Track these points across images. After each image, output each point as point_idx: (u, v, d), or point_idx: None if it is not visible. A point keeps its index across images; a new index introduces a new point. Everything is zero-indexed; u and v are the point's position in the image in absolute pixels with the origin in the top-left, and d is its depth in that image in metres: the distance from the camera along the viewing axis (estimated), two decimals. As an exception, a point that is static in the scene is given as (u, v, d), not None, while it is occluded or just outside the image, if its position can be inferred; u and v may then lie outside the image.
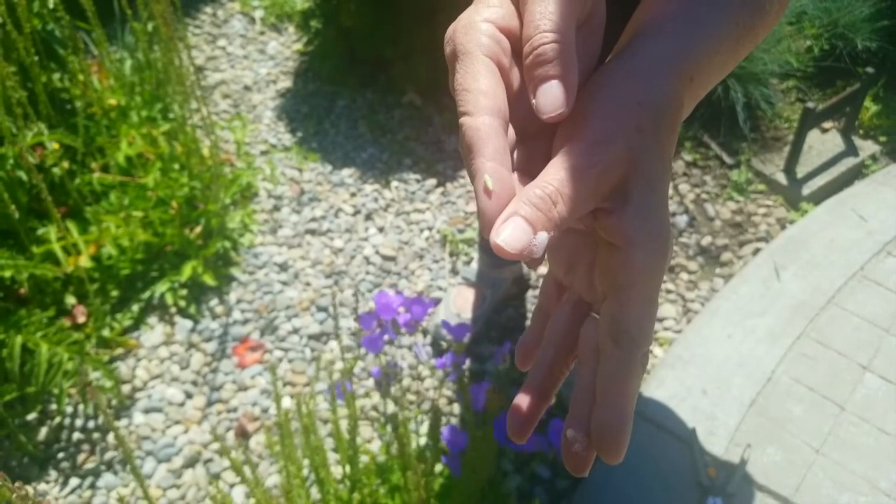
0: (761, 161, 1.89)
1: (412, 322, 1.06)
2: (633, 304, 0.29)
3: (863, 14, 2.00)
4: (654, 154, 0.30)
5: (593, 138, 0.29)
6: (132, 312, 1.44)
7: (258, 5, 2.47)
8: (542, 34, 0.29)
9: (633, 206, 0.29)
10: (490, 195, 0.28)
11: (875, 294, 1.55)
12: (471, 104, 0.29)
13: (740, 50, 0.36)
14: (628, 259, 0.29)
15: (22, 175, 1.29)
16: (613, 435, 0.29)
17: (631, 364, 0.30)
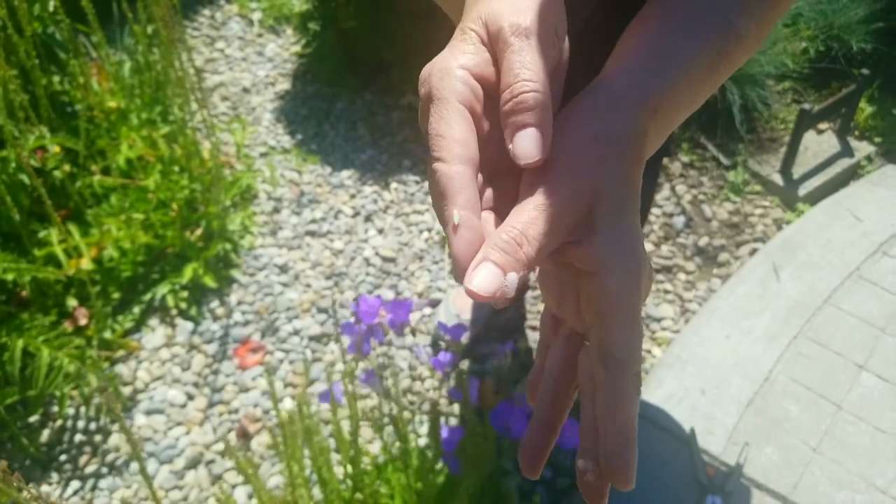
0: (758, 162, 1.90)
1: (398, 324, 1.07)
2: (615, 328, 0.30)
3: (858, 16, 2.01)
4: (619, 183, 0.31)
5: (553, 177, 0.31)
6: (133, 314, 1.45)
7: (256, 7, 2.48)
8: (523, 82, 0.31)
9: (601, 234, 0.30)
10: (463, 242, 0.30)
11: (871, 294, 1.57)
12: (445, 151, 0.31)
13: (716, 76, 0.37)
14: (603, 284, 0.30)
15: (24, 178, 1.30)
16: (621, 463, 0.30)
17: (623, 387, 0.30)
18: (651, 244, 1.71)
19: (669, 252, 1.70)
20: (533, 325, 1.54)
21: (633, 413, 0.31)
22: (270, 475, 1.29)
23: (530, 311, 1.57)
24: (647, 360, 1.47)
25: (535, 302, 1.58)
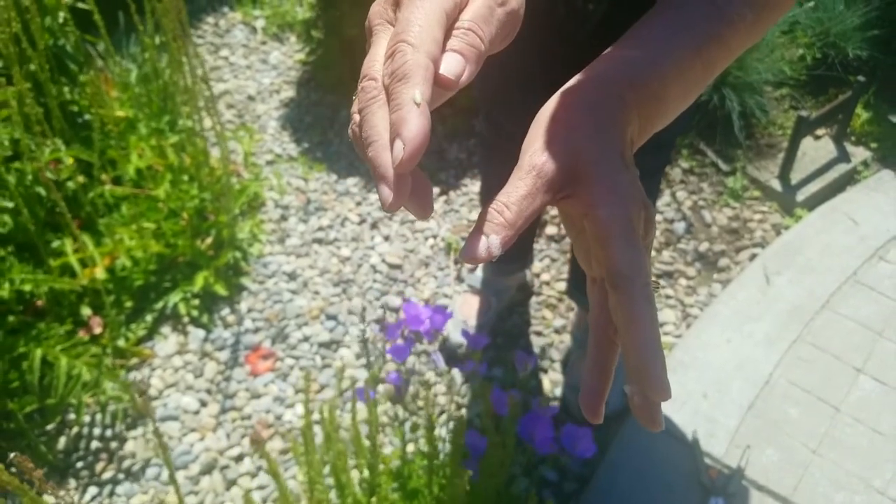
0: (756, 168, 1.93)
1: (432, 331, 1.11)
2: (615, 250, 0.33)
3: (853, 23, 2.04)
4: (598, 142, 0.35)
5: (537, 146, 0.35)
6: (146, 322, 1.47)
7: (259, 15, 2.50)
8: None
9: (586, 184, 0.34)
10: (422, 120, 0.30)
11: (868, 298, 1.60)
12: (417, 38, 0.32)
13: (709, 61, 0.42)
14: (595, 217, 0.33)
15: (40, 190, 1.32)
16: (650, 376, 0.32)
17: (634, 298, 0.32)
18: (653, 250, 1.74)
19: (671, 258, 1.73)
20: (537, 330, 1.57)
21: (650, 324, 0.32)
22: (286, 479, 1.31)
23: (534, 316, 1.60)
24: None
25: (539, 308, 1.61)
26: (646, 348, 0.32)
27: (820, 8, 2.09)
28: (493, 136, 1.20)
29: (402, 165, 0.30)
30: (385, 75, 0.32)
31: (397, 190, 0.30)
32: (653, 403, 0.33)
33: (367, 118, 0.32)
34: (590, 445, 0.96)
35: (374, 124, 0.31)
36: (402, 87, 0.30)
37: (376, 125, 0.31)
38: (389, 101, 0.31)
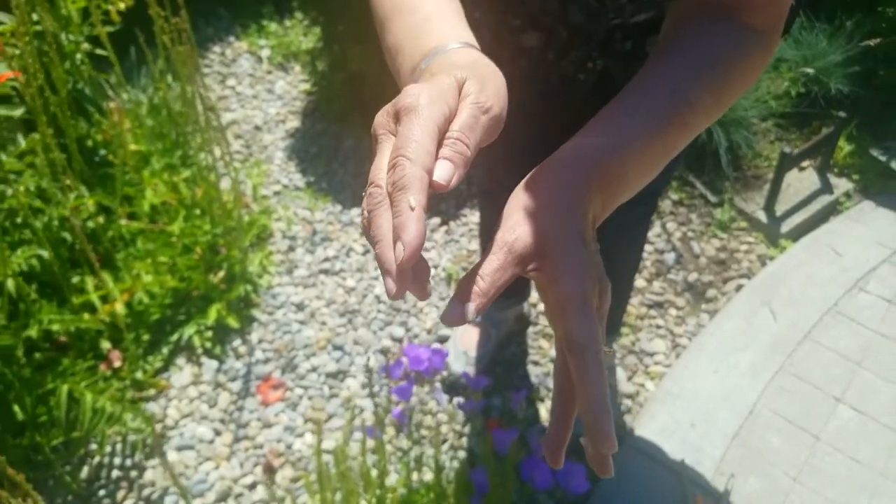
0: (743, 199, 2.02)
1: (431, 370, 1.19)
2: (572, 320, 0.39)
3: (835, 60, 2.14)
4: (563, 224, 0.42)
5: (510, 223, 0.42)
6: (162, 355, 1.55)
7: (265, 44, 2.58)
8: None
9: (550, 260, 0.41)
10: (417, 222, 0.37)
11: (848, 329, 1.69)
12: (414, 153, 0.38)
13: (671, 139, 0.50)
14: (556, 289, 0.40)
15: (65, 234, 1.40)
16: (599, 430, 0.38)
17: (586, 363, 0.38)
18: (644, 280, 1.83)
19: (661, 288, 1.82)
20: (534, 359, 1.65)
21: (600, 386, 0.38)
22: (294, 506, 1.39)
23: (532, 346, 1.68)
24: (641, 394, 1.59)
25: (536, 337, 1.69)
26: (595, 408, 0.38)
27: (803, 45, 2.18)
28: (492, 185, 1.28)
29: (403, 264, 0.37)
30: (388, 184, 0.39)
31: (400, 282, 0.37)
32: (602, 454, 0.39)
33: (374, 220, 0.39)
34: (583, 482, 1.04)
35: (379, 225, 0.38)
36: (402, 195, 0.38)
37: (382, 226, 0.38)
38: (392, 207, 0.38)
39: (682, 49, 0.54)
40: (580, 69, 0.86)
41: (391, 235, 0.38)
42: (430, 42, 0.49)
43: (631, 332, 1.71)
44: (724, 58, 0.53)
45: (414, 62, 0.49)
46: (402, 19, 0.52)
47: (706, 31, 0.55)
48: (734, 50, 0.54)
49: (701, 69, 0.52)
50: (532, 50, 0.86)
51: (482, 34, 0.88)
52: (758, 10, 0.55)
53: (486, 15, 0.85)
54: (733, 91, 0.55)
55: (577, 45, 0.82)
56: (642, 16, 0.74)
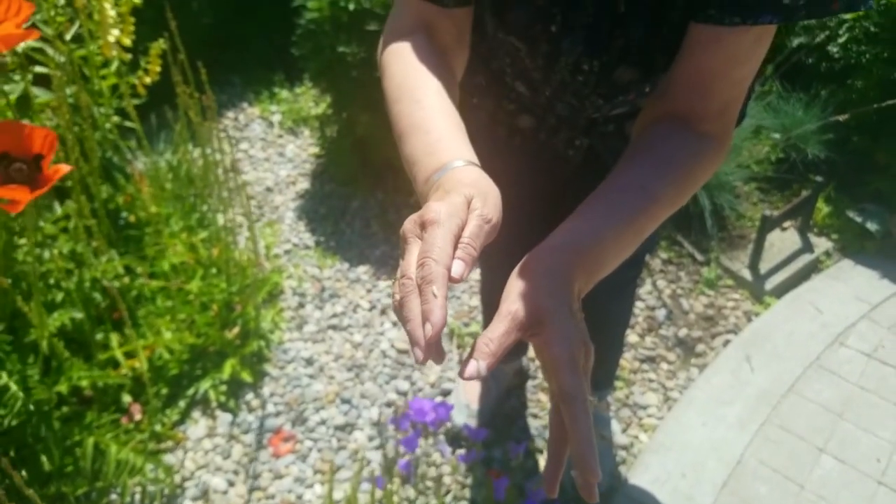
0: (729, 258, 2.13)
1: (437, 421, 1.28)
2: (564, 378, 0.50)
3: (811, 128, 2.28)
4: (555, 299, 0.53)
5: (512, 298, 0.54)
6: (179, 408, 1.63)
7: (276, 110, 2.73)
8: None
9: (544, 328, 0.52)
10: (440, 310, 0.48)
11: (829, 382, 1.78)
12: (440, 256, 0.50)
13: (641, 227, 0.63)
14: (549, 354, 0.51)
15: (95, 294, 1.50)
16: (586, 462, 0.48)
17: (576, 410, 0.49)
18: (636, 336, 1.93)
19: (653, 343, 1.91)
20: (533, 412, 1.73)
21: (588, 429, 0.49)
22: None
23: (531, 399, 1.76)
24: (635, 446, 1.67)
25: (534, 391, 1.78)
26: (584, 445, 0.48)
27: (781, 113, 2.33)
28: (491, 249, 1.38)
29: (431, 339, 0.49)
30: (417, 277, 0.51)
31: (426, 352, 0.49)
32: (589, 483, 0.49)
33: (405, 304, 0.50)
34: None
35: (410, 308, 0.50)
36: (429, 287, 0.50)
37: (412, 310, 0.50)
38: (420, 296, 0.50)
39: (647, 151, 0.68)
40: (569, 146, 0.98)
41: (420, 318, 0.49)
42: (442, 159, 0.62)
43: (625, 385, 1.80)
44: (683, 160, 0.67)
45: (428, 174, 0.62)
46: (419, 137, 0.65)
47: (668, 136, 0.68)
48: (691, 153, 0.67)
49: (664, 169, 0.65)
50: (525, 130, 0.98)
51: (479, 116, 1.01)
52: (713, 118, 0.69)
53: (484, 100, 0.97)
54: (691, 185, 0.68)
55: (564, 129, 0.95)
56: (619, 110, 0.86)
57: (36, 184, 0.98)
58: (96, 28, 1.66)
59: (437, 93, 0.70)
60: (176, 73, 1.65)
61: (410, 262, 0.52)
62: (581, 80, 0.81)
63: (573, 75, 0.80)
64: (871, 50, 2.12)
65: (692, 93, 0.68)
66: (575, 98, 0.85)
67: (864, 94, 2.20)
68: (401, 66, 0.72)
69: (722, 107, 0.68)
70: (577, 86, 0.82)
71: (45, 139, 1.00)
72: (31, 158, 1.00)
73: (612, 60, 0.76)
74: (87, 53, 1.71)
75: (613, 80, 0.78)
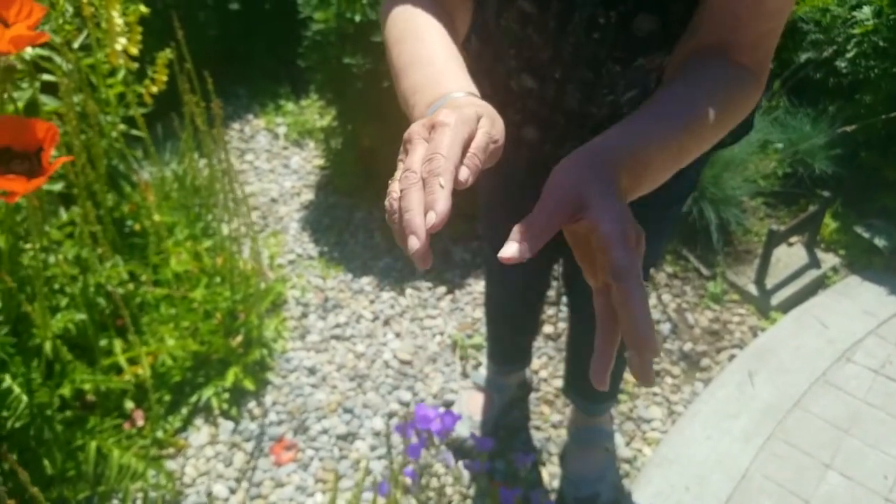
0: (734, 273, 2.12)
1: (443, 431, 1.27)
2: (615, 252, 0.46)
3: (819, 143, 2.28)
4: (599, 182, 0.51)
5: (554, 181, 0.52)
6: (182, 415, 1.62)
7: (281, 122, 2.74)
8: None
9: (590, 209, 0.50)
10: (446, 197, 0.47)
11: (835, 398, 1.76)
12: (448, 151, 0.49)
13: (685, 142, 0.61)
14: (599, 232, 0.48)
15: (99, 300, 1.50)
16: (644, 337, 0.44)
17: (629, 286, 0.45)
18: (640, 349, 1.91)
19: (657, 357, 1.90)
20: (536, 424, 1.72)
21: (643, 303, 0.45)
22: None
23: (534, 411, 1.75)
24: (638, 459, 1.65)
25: (538, 403, 1.77)
26: (640, 319, 0.45)
27: (789, 128, 2.33)
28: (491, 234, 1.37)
29: (433, 228, 0.46)
30: (423, 170, 0.49)
31: (425, 243, 0.46)
32: (646, 361, 0.45)
33: (406, 195, 0.48)
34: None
35: (411, 199, 0.48)
36: (436, 179, 0.48)
37: (413, 200, 0.48)
38: (426, 187, 0.48)
39: (687, 75, 0.67)
40: None
41: (422, 207, 0.47)
42: (446, 87, 0.62)
43: (629, 399, 1.79)
44: (724, 82, 0.66)
45: (431, 100, 0.61)
46: (421, 69, 0.65)
47: (706, 62, 0.68)
48: (731, 77, 0.67)
49: (706, 88, 0.64)
50: (531, 142, 0.98)
51: None
52: (748, 52, 0.68)
53: None
54: (731, 111, 0.66)
55: (571, 135, 0.94)
56: (630, 94, 0.85)
57: (35, 175, 0.99)
58: (104, 37, 1.68)
59: (439, 32, 0.70)
60: (183, 82, 1.66)
61: (416, 159, 0.50)
62: (597, 39, 0.79)
63: (588, 33, 0.79)
64: (879, 65, 2.12)
65: (724, 26, 0.67)
66: (589, 69, 0.83)
67: (873, 109, 2.20)
68: (403, 13, 0.73)
69: (756, 39, 0.68)
70: (593, 47, 0.80)
71: (46, 132, 1.01)
72: (33, 152, 1.01)
73: (628, 9, 0.75)
74: (94, 62, 1.73)
75: (632, 34, 0.77)
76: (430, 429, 1.26)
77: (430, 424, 1.21)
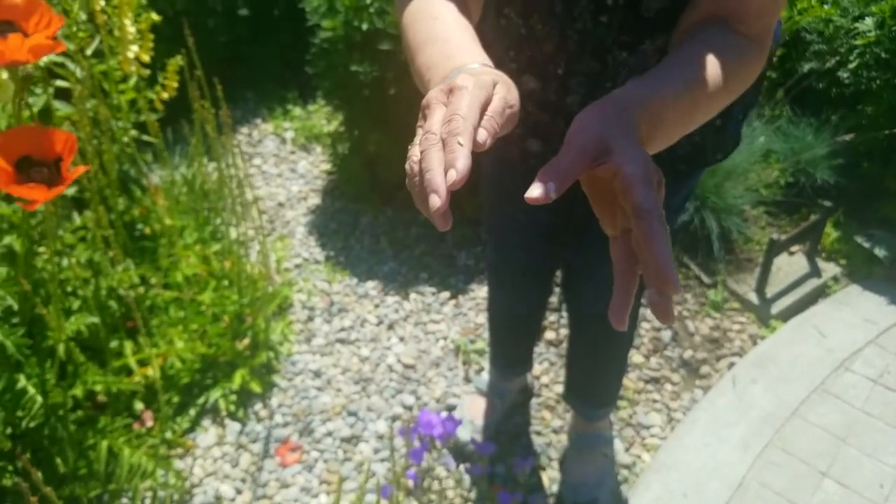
0: (735, 281, 2.15)
1: (445, 435, 1.30)
2: (637, 192, 0.47)
3: (821, 152, 2.30)
4: (619, 127, 0.53)
5: (577, 127, 0.54)
6: (190, 416, 1.66)
7: (289, 127, 2.78)
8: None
9: (614, 152, 0.51)
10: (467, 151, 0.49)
11: (834, 407, 1.79)
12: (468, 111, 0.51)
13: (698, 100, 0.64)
14: (623, 172, 0.50)
15: (111, 303, 1.54)
16: (665, 274, 0.45)
17: (652, 223, 0.46)
18: (641, 356, 1.94)
19: (658, 364, 1.92)
20: (537, 430, 1.75)
21: (665, 240, 0.46)
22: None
23: (535, 416, 1.78)
24: (637, 465, 1.68)
25: (539, 409, 1.79)
26: (661, 255, 0.45)
27: (791, 138, 2.35)
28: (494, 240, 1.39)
29: (454, 185, 0.48)
30: (443, 132, 0.51)
31: (445, 201, 0.47)
32: (667, 298, 0.46)
33: (426, 155, 0.50)
34: None
35: (431, 158, 0.50)
36: (455, 139, 0.50)
37: (433, 159, 0.50)
38: (445, 147, 0.50)
39: (693, 41, 0.70)
40: None
41: (442, 167, 0.49)
42: (461, 59, 0.64)
43: (629, 405, 1.81)
44: (729, 48, 0.69)
45: (446, 73, 0.63)
46: (437, 46, 0.68)
47: (710, 30, 0.71)
48: (735, 44, 0.70)
49: (714, 52, 0.67)
50: (535, 153, 1.00)
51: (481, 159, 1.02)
52: (750, 22, 0.71)
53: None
54: (737, 76, 0.69)
55: None
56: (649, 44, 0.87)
57: (54, 184, 1.02)
58: (116, 44, 1.71)
59: (453, 13, 0.72)
60: (193, 89, 1.70)
61: (435, 121, 0.52)
62: (604, 23, 0.81)
63: (595, 17, 0.81)
64: (881, 76, 2.14)
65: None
66: (595, 58, 0.85)
67: (875, 120, 2.22)
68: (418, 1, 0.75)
69: (759, 9, 0.70)
70: (600, 32, 0.82)
71: (65, 142, 1.04)
72: (52, 161, 1.04)
73: None
74: (106, 68, 1.76)
75: (639, 15, 0.79)
76: (432, 434, 1.29)
77: (432, 430, 1.24)
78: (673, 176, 1.00)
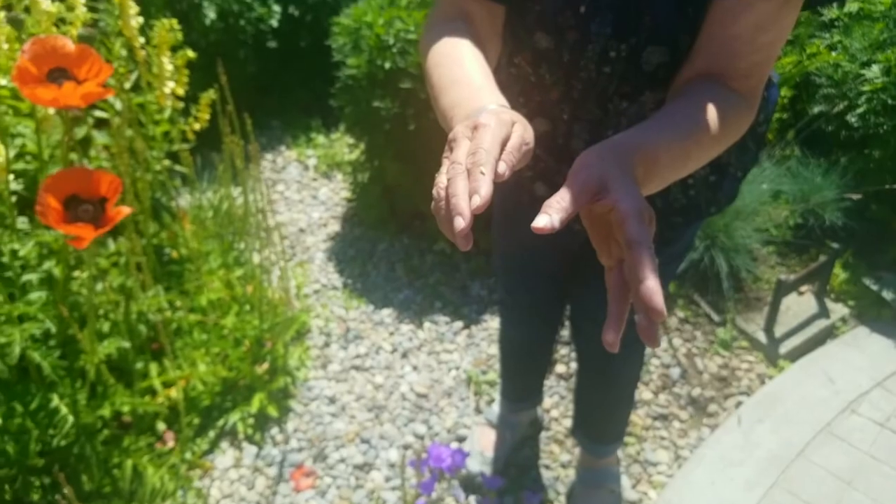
0: (744, 320, 2.18)
1: (454, 467, 1.34)
2: (631, 227, 0.53)
3: (830, 195, 2.34)
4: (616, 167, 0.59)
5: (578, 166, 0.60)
6: (209, 438, 1.71)
7: (312, 154, 2.86)
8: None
9: (612, 191, 0.57)
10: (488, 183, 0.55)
11: (839, 449, 1.81)
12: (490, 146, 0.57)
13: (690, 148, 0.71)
14: (618, 209, 0.55)
15: (141, 327, 1.60)
16: (652, 302, 0.49)
17: (642, 254, 0.51)
18: (650, 393, 1.98)
19: (666, 401, 1.96)
20: (545, 463, 1.79)
21: (653, 271, 0.50)
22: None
23: (543, 450, 1.82)
24: (643, 502, 1.71)
25: (548, 442, 1.83)
26: (649, 285, 0.50)
27: (800, 179, 2.39)
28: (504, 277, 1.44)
29: (477, 209, 0.54)
30: (468, 163, 0.58)
31: (468, 224, 0.53)
32: (654, 323, 0.50)
33: (454, 182, 0.57)
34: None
35: (458, 185, 0.56)
36: (478, 169, 0.57)
37: (459, 186, 0.56)
38: (469, 176, 0.57)
39: (686, 96, 0.76)
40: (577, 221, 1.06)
41: (467, 193, 0.56)
42: (482, 101, 0.71)
43: (637, 441, 1.85)
44: (721, 102, 0.75)
45: (469, 112, 0.70)
46: (460, 88, 0.75)
47: (702, 86, 0.77)
48: (726, 98, 0.76)
49: (706, 106, 0.73)
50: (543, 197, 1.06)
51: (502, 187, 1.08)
52: (740, 80, 0.77)
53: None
54: (727, 129, 0.76)
55: None
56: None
57: (100, 223, 1.09)
58: (154, 79, 1.80)
59: (475, 57, 0.79)
60: (225, 125, 1.77)
61: (461, 153, 0.59)
62: (607, 73, 0.87)
63: (599, 67, 0.87)
64: (888, 122, 2.19)
65: (719, 56, 0.77)
66: (597, 106, 0.91)
67: (882, 165, 2.26)
68: (442, 42, 0.82)
69: (749, 69, 0.77)
70: (603, 82, 0.88)
71: (110, 184, 1.12)
72: (98, 200, 1.11)
73: (640, 41, 0.83)
74: (143, 101, 1.85)
75: (639, 67, 0.86)
76: (442, 467, 1.33)
77: (442, 464, 1.29)
78: (669, 227, 1.05)
